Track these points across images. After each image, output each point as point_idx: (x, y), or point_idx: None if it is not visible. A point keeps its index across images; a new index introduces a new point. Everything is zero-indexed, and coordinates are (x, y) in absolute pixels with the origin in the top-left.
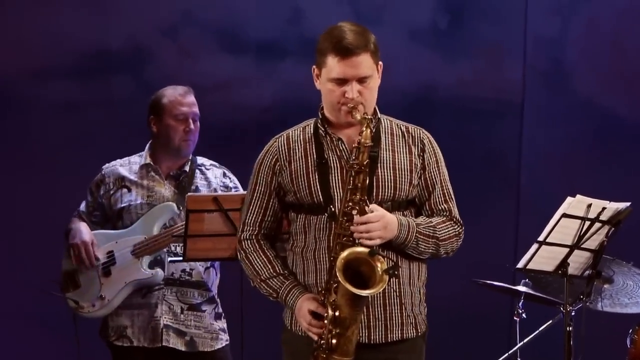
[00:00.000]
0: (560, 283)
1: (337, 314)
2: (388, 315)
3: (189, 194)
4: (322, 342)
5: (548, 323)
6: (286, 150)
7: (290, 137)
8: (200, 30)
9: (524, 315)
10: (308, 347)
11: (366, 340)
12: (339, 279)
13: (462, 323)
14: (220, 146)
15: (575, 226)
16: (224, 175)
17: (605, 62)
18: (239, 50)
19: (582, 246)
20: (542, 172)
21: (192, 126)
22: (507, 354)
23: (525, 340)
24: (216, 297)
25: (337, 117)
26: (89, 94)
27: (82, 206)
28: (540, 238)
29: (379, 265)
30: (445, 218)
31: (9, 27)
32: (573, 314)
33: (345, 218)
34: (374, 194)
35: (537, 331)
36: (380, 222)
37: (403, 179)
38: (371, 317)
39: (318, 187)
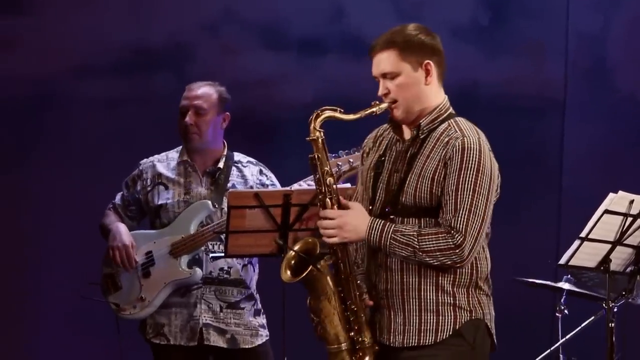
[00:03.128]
0: (602, 279)
1: (309, 302)
2: (406, 320)
3: (230, 190)
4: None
5: (590, 319)
6: (372, 142)
7: (382, 129)
8: (241, 27)
9: (566, 311)
10: None
11: (387, 343)
12: (282, 268)
13: (504, 319)
14: (261, 142)
15: (618, 222)
16: (261, 172)
17: None
18: (280, 47)
19: (624, 242)
20: (584, 168)
21: (187, 119)
22: (549, 350)
23: (567, 337)
24: (255, 294)
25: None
26: (130, 91)
27: (118, 199)
28: (583, 234)
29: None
30: (442, 229)
31: (52, 25)
32: (615, 310)
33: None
34: (401, 198)
35: (580, 327)
36: (336, 220)
37: (424, 187)
38: (392, 321)
39: (370, 184)
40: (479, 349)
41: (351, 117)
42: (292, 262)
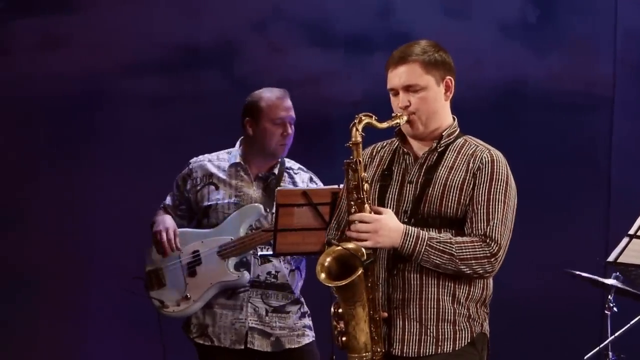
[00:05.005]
0: None
1: (339, 310)
2: (423, 330)
3: (278, 188)
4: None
5: (639, 317)
6: (369, 157)
7: (379, 145)
8: (289, 24)
9: (615, 309)
10: None
11: (399, 353)
12: (317, 271)
13: (553, 317)
14: (309, 141)
15: None
16: (311, 179)
17: None
18: (328, 45)
19: None
20: (632, 165)
21: (289, 131)
22: (598, 348)
23: (616, 334)
24: (300, 298)
25: (402, 129)
26: (179, 88)
27: (168, 200)
28: (631, 231)
29: (360, 257)
30: (476, 238)
31: (101, 23)
32: None
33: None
34: (421, 208)
35: (629, 325)
36: (372, 224)
37: (451, 197)
38: (406, 331)
39: (376, 196)
40: None
41: (383, 125)
42: (327, 262)
